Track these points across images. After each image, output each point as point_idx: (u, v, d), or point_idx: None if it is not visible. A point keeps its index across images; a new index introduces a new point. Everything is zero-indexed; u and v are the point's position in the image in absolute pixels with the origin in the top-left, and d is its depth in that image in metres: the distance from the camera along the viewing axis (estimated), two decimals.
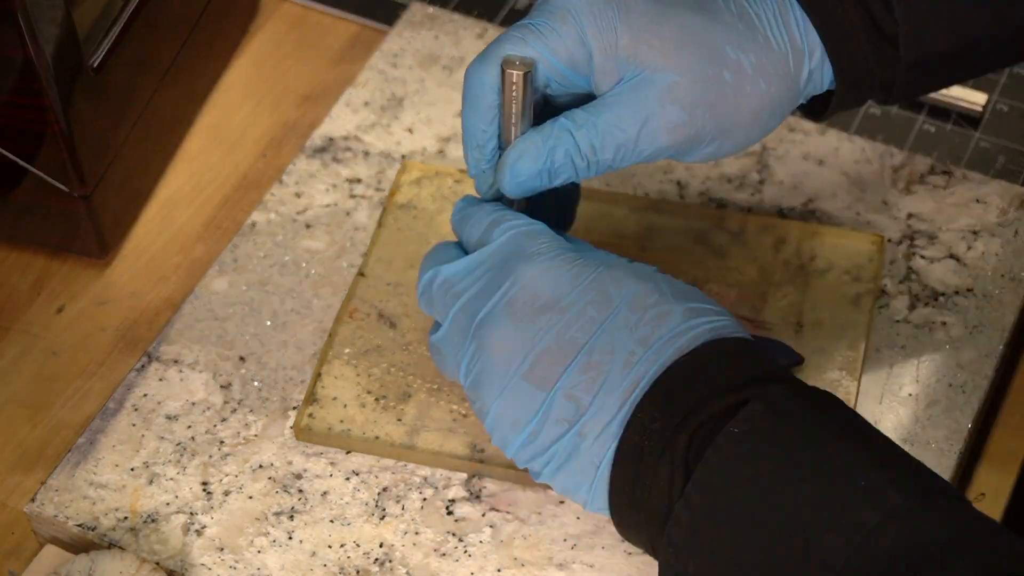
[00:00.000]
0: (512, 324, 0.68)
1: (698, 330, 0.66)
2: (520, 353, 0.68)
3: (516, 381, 0.67)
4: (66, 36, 0.78)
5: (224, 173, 0.91)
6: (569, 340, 0.67)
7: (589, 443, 0.66)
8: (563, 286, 0.68)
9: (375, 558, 0.74)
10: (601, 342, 0.66)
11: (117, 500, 0.76)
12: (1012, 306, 0.82)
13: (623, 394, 0.66)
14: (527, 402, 0.67)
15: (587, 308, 0.67)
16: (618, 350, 0.66)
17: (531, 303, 0.68)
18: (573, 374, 0.66)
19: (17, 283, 0.86)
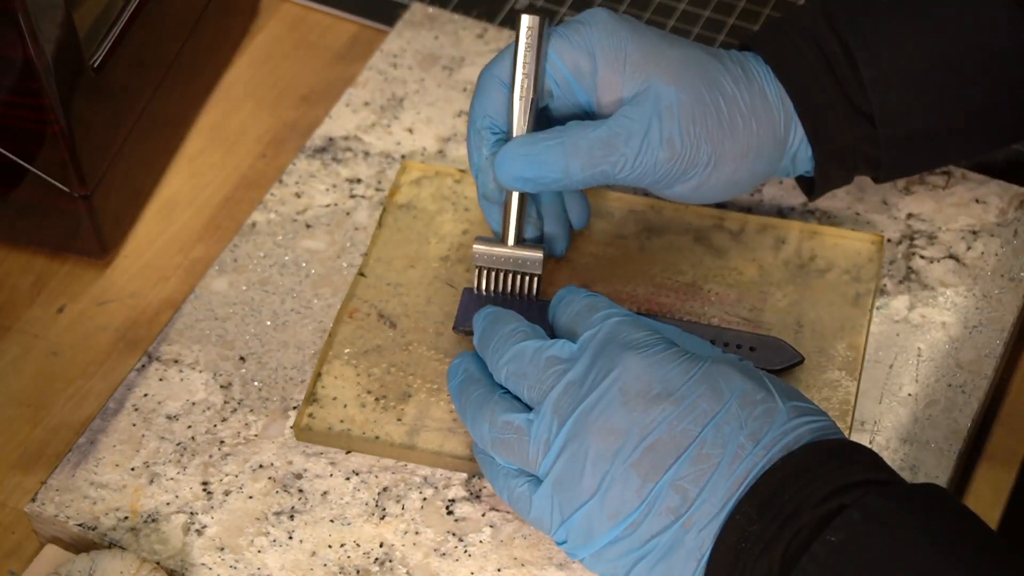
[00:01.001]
0: (625, 412, 0.67)
1: (802, 429, 0.66)
2: (631, 442, 0.67)
3: (623, 470, 0.67)
4: (66, 36, 0.78)
5: (224, 173, 0.91)
6: (682, 432, 0.66)
7: (693, 535, 0.65)
8: (675, 379, 0.68)
9: (375, 558, 0.74)
10: (712, 435, 0.66)
11: (117, 500, 0.76)
12: (1011, 306, 0.82)
13: (731, 487, 0.65)
14: (631, 493, 0.66)
15: (699, 401, 0.67)
16: (729, 444, 0.66)
17: (645, 393, 0.67)
18: (684, 466, 0.66)
19: (17, 283, 0.87)
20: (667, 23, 0.97)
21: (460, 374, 0.73)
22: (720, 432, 0.66)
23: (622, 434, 0.67)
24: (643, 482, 0.66)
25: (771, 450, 0.65)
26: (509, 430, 0.70)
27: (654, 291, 0.82)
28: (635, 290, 0.82)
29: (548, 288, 0.82)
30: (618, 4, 0.98)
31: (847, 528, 0.62)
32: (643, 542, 0.66)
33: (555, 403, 0.69)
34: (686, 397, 0.67)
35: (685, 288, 0.82)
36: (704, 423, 0.66)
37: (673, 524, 0.66)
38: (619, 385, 0.68)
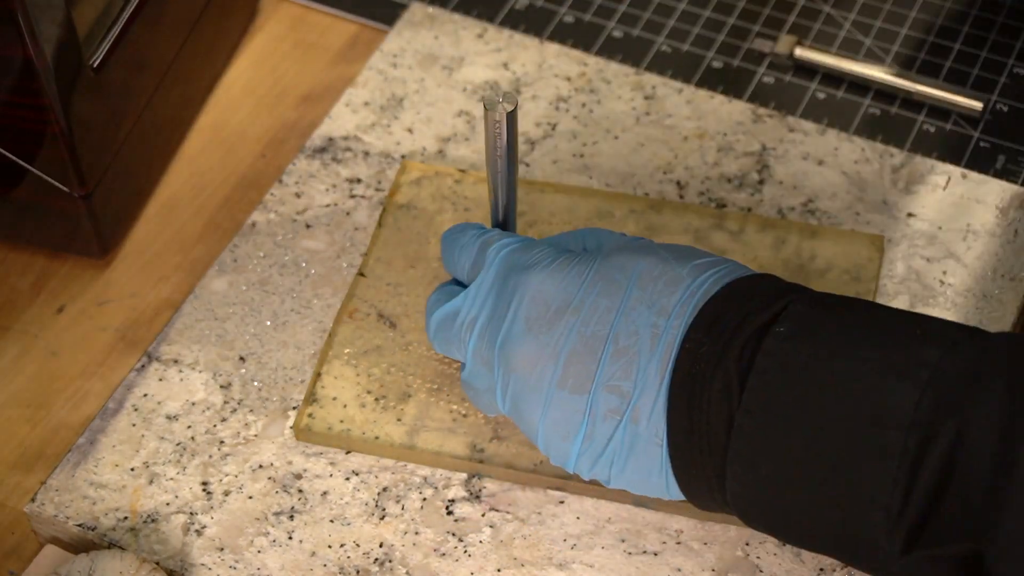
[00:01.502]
0: (533, 337, 0.68)
1: (708, 284, 0.67)
2: (550, 363, 0.68)
3: (553, 391, 0.68)
4: (66, 36, 0.78)
5: (224, 173, 0.91)
6: (592, 336, 0.67)
7: (644, 424, 0.66)
8: (570, 286, 0.68)
9: (375, 558, 0.74)
10: (623, 327, 0.67)
11: (117, 500, 0.76)
12: (1012, 306, 0.82)
13: (660, 366, 0.66)
14: (571, 409, 0.68)
15: (599, 300, 0.68)
16: (642, 329, 0.67)
17: (544, 312, 0.68)
18: (606, 367, 0.67)
19: (17, 283, 0.86)
20: (667, 22, 0.97)
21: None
22: (629, 321, 0.67)
23: (539, 359, 0.68)
24: (576, 396, 0.67)
25: (683, 316, 0.66)
26: (466, 387, 0.73)
27: None
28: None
29: None
30: (618, 3, 0.98)
31: (795, 318, 0.64)
32: (603, 448, 0.68)
33: (475, 352, 0.71)
34: (585, 300, 0.68)
35: None
36: (611, 320, 0.67)
37: (621, 422, 0.67)
38: (520, 315, 0.69)
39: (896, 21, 0.98)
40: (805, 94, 0.94)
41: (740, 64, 0.95)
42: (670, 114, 0.91)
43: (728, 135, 0.90)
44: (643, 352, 0.66)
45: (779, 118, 0.91)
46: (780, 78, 0.95)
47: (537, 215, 0.85)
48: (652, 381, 0.66)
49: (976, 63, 0.95)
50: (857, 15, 0.98)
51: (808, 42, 0.96)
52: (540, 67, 0.94)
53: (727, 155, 0.89)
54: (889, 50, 0.96)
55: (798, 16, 0.98)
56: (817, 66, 0.94)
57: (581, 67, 0.94)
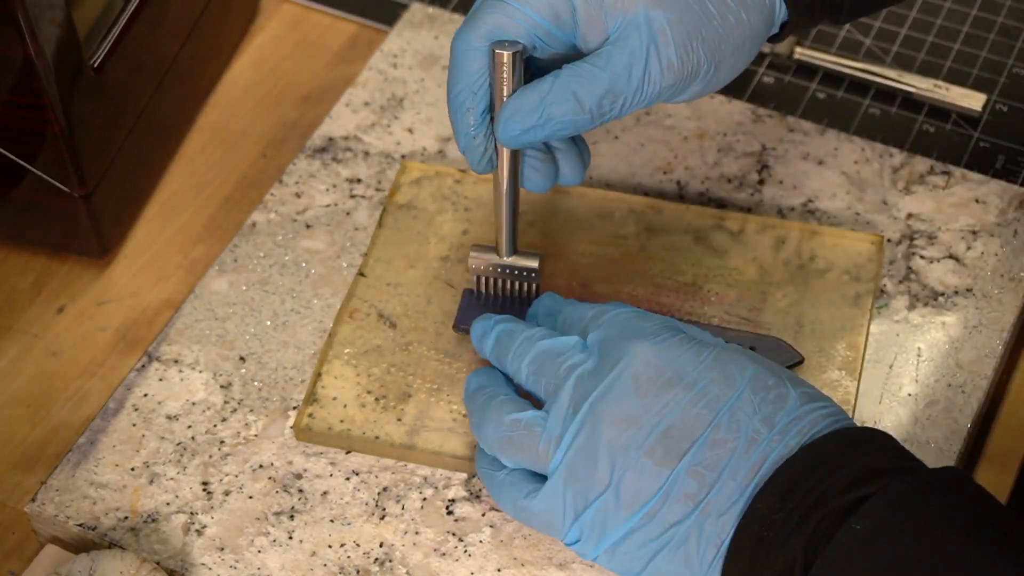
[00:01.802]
0: (637, 399, 0.67)
1: (815, 415, 0.66)
2: (644, 429, 0.66)
3: (637, 458, 0.66)
4: (66, 36, 0.78)
5: (224, 173, 0.91)
6: (696, 417, 0.66)
7: (712, 521, 0.65)
8: (686, 364, 0.67)
9: (375, 558, 0.74)
10: (727, 420, 0.66)
11: (117, 500, 0.76)
12: (1011, 306, 0.82)
13: (749, 472, 0.65)
14: (647, 481, 0.66)
15: (711, 386, 0.66)
16: (744, 429, 0.65)
17: (656, 379, 0.67)
18: (700, 451, 0.65)
19: (17, 283, 0.86)
20: None
21: (472, 386, 0.74)
22: (734, 417, 0.66)
23: (634, 421, 0.66)
24: (659, 469, 0.65)
25: (787, 434, 0.65)
26: (517, 427, 0.69)
27: (654, 291, 0.82)
28: (635, 290, 0.82)
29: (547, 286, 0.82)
30: None
31: (872, 516, 0.61)
32: (661, 531, 0.66)
33: (568, 396, 0.69)
34: (698, 382, 0.67)
35: (685, 288, 0.82)
36: (718, 408, 0.66)
37: (692, 511, 0.65)
38: (630, 372, 0.67)
39: (896, 21, 0.98)
40: (805, 94, 0.94)
41: None
42: (670, 114, 0.91)
43: (728, 135, 0.90)
44: (739, 451, 0.65)
45: (779, 118, 0.91)
46: (780, 78, 0.95)
47: (537, 215, 0.85)
48: (738, 481, 0.65)
49: (976, 63, 0.95)
50: None
51: (808, 42, 0.96)
52: None
53: (727, 155, 0.89)
54: (889, 50, 0.96)
55: None
56: (817, 66, 0.94)
57: None
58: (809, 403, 0.66)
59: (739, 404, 0.66)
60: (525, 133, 0.71)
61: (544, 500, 0.68)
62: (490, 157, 0.74)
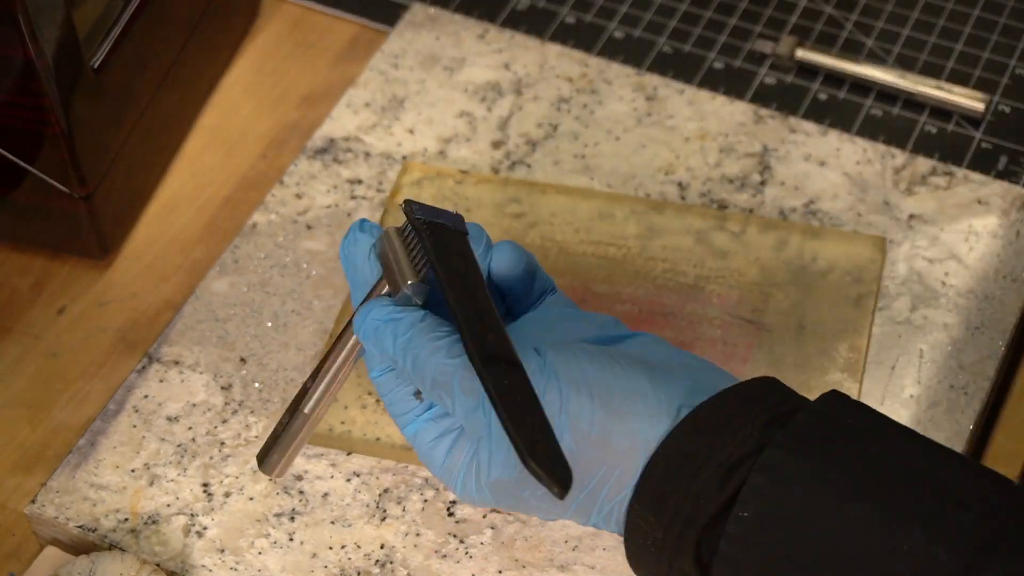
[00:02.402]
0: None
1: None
2: None
3: None
4: (67, 37, 0.78)
5: (225, 174, 0.91)
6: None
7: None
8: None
9: (376, 559, 0.74)
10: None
11: (118, 501, 0.76)
12: (1013, 307, 0.82)
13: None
14: None
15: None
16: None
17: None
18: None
19: (18, 284, 0.86)
20: (668, 23, 0.97)
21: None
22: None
23: None
24: None
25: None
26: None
27: (655, 292, 0.82)
28: (636, 291, 0.82)
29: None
30: (620, 4, 0.98)
31: (756, 500, 0.59)
32: None
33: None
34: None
35: (686, 289, 0.82)
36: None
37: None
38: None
39: (898, 22, 0.98)
40: (807, 95, 0.94)
41: (742, 65, 0.95)
42: (671, 115, 0.91)
43: (730, 136, 0.90)
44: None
45: (781, 119, 0.91)
46: (782, 79, 0.94)
47: (538, 216, 0.85)
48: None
49: (978, 64, 0.95)
50: (859, 16, 0.98)
51: (809, 43, 0.96)
52: (541, 68, 0.94)
53: (728, 156, 0.89)
54: (891, 51, 0.96)
55: (799, 17, 0.98)
56: (819, 67, 0.94)
57: (582, 68, 0.94)
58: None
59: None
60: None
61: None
62: None
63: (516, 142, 0.90)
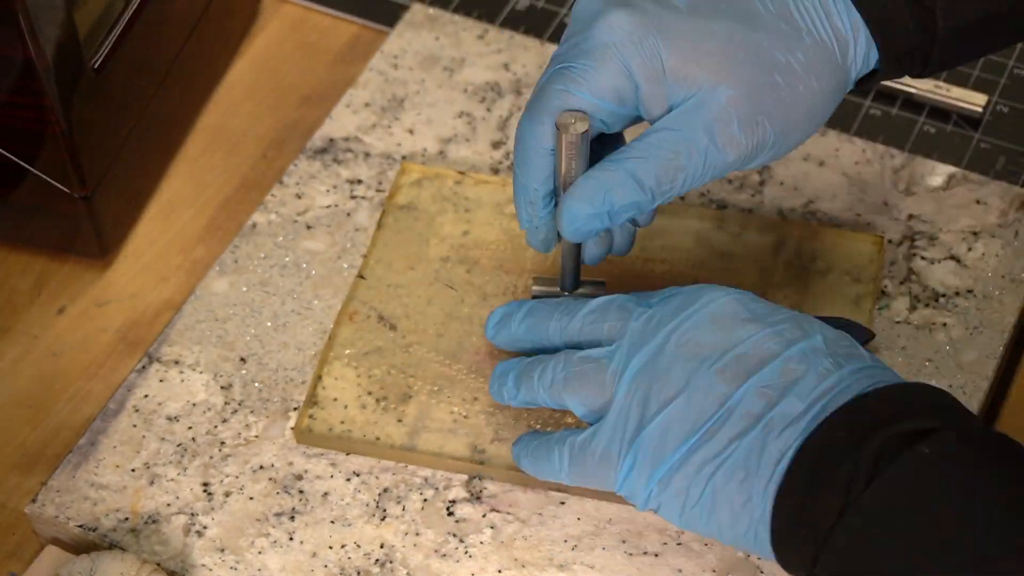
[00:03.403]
0: (712, 330, 0.67)
1: (885, 372, 0.66)
2: (717, 352, 0.67)
3: (708, 374, 0.66)
4: (67, 37, 0.78)
5: (225, 174, 0.91)
6: (768, 349, 0.66)
7: (775, 436, 0.64)
8: (760, 310, 0.68)
9: (376, 559, 0.74)
10: (798, 355, 0.66)
11: (118, 501, 0.76)
12: (1012, 307, 0.82)
13: (816, 395, 0.65)
14: (714, 396, 0.66)
15: (784, 330, 0.67)
16: (813, 365, 0.65)
17: (733, 316, 0.68)
18: (768, 373, 0.66)
19: (17, 284, 0.86)
20: None
21: (506, 368, 0.74)
22: (805, 355, 0.66)
23: (708, 346, 0.67)
24: (726, 386, 0.66)
25: (856, 377, 0.65)
26: (586, 362, 0.70)
27: None
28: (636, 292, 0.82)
29: None
30: None
31: (941, 444, 0.61)
32: (721, 448, 0.65)
33: (637, 329, 0.69)
34: (773, 325, 0.67)
35: None
36: (790, 344, 0.66)
37: (755, 426, 0.65)
38: (707, 310, 0.68)
39: None
40: None
41: None
42: None
43: None
44: (807, 379, 0.65)
45: None
46: None
47: None
48: (803, 401, 0.65)
49: (976, 64, 0.95)
50: None
51: None
52: (541, 68, 0.94)
53: None
54: None
55: None
56: None
57: None
58: (879, 365, 0.67)
59: (810, 347, 0.66)
60: (589, 224, 0.71)
61: (604, 428, 0.68)
62: (551, 241, 0.75)
63: None
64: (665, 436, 0.66)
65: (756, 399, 0.65)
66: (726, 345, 0.67)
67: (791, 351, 0.66)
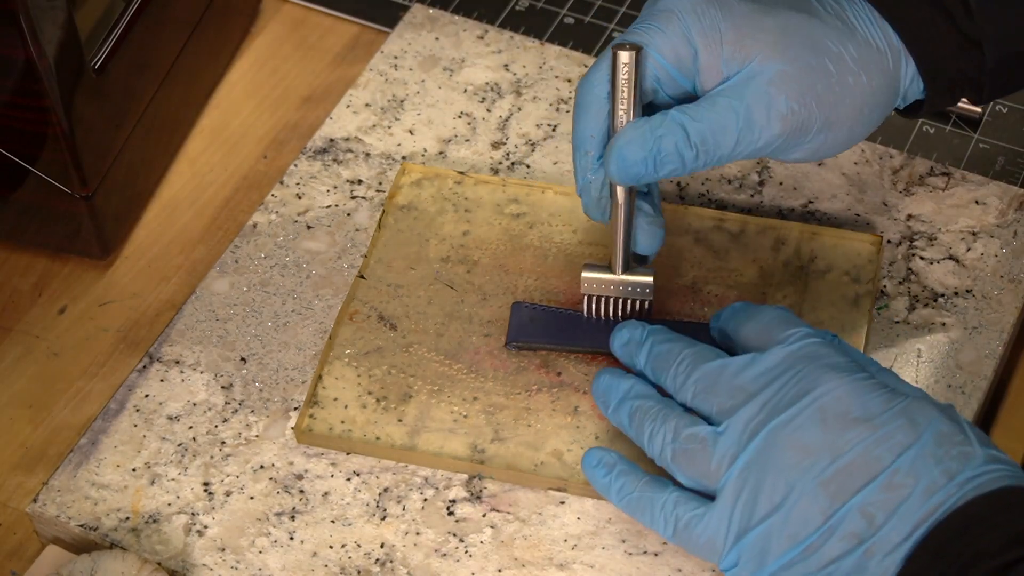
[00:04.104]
0: (821, 432, 0.66)
1: (996, 474, 0.65)
2: (823, 461, 0.66)
3: (812, 487, 0.65)
4: (68, 37, 0.78)
5: (225, 174, 0.91)
6: (876, 458, 0.65)
7: (875, 563, 0.64)
8: (874, 406, 0.66)
9: (376, 558, 0.74)
10: (906, 466, 0.65)
11: (119, 500, 0.76)
12: (1011, 307, 0.83)
13: (920, 518, 0.64)
14: (816, 512, 0.65)
15: (896, 432, 0.66)
16: (922, 477, 0.64)
17: (843, 415, 0.66)
18: (874, 491, 0.65)
19: (19, 284, 0.87)
20: None
21: (625, 392, 0.73)
22: (914, 465, 0.65)
23: (815, 451, 0.66)
24: (830, 502, 0.65)
25: (964, 487, 0.64)
26: (694, 441, 0.69)
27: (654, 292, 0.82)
28: None
29: (545, 287, 0.82)
30: (618, 5, 0.98)
31: None
32: (820, 567, 0.65)
33: (747, 417, 0.68)
34: (884, 425, 0.66)
35: (685, 289, 0.82)
36: (899, 452, 0.65)
37: (855, 550, 0.64)
38: (818, 404, 0.67)
39: None
40: None
41: None
42: None
43: None
44: (915, 496, 0.64)
45: None
46: None
47: (537, 216, 0.85)
48: (907, 525, 0.64)
49: None
50: None
51: None
52: (541, 68, 0.94)
53: None
54: None
55: None
56: None
57: (582, 68, 0.94)
58: (994, 463, 0.65)
59: (920, 453, 0.65)
60: (635, 165, 0.72)
61: (710, 518, 0.68)
62: (605, 204, 0.76)
63: (516, 142, 0.90)
64: (768, 543, 0.66)
65: (859, 518, 0.65)
66: (834, 452, 0.66)
67: (900, 462, 0.65)
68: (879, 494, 0.64)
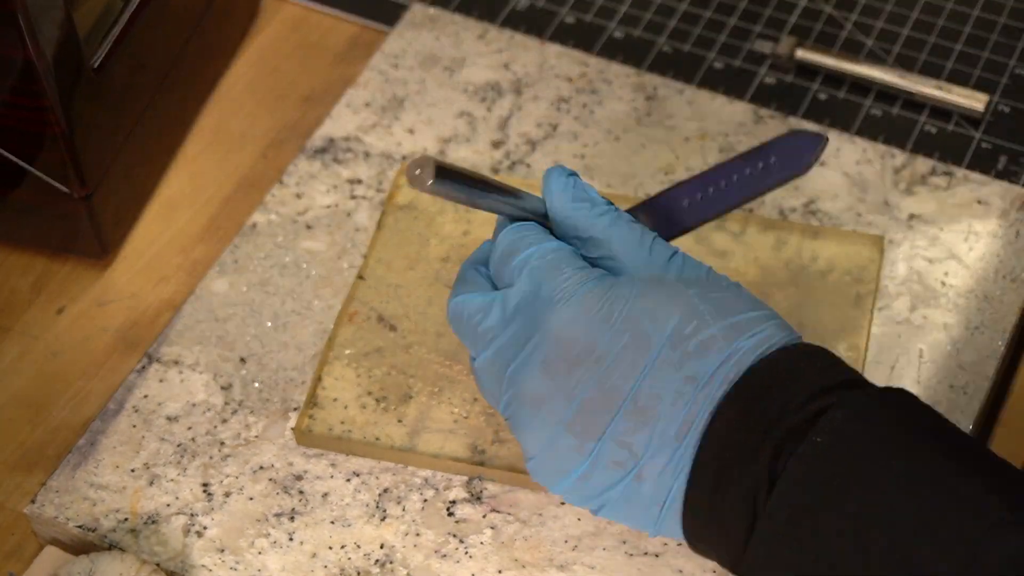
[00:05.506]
0: (548, 378, 0.66)
1: (742, 353, 0.64)
2: (561, 404, 0.66)
3: (559, 431, 0.66)
4: (67, 37, 0.78)
5: (225, 174, 0.91)
6: (611, 388, 0.65)
7: (649, 485, 0.65)
8: (595, 331, 0.65)
9: (376, 559, 0.74)
10: (646, 385, 0.64)
11: (117, 501, 0.76)
12: (1013, 307, 0.82)
13: (679, 432, 0.64)
14: (573, 451, 0.66)
15: (624, 352, 0.65)
16: (665, 392, 0.64)
17: (565, 356, 0.65)
18: (621, 421, 0.65)
19: (17, 284, 0.86)
20: (668, 23, 0.97)
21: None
22: (654, 381, 0.64)
23: (551, 398, 0.66)
24: (581, 441, 0.65)
25: (713, 388, 0.64)
26: (476, 377, 0.71)
27: None
28: None
29: None
30: (619, 4, 0.98)
31: (833, 429, 0.61)
32: (597, 493, 0.66)
33: (489, 362, 0.69)
34: (610, 351, 0.65)
35: None
36: (634, 376, 0.64)
37: (624, 477, 0.65)
38: (539, 355, 0.66)
39: (897, 22, 0.98)
40: (806, 95, 0.94)
41: (741, 65, 0.95)
42: (671, 115, 0.91)
43: (730, 136, 0.90)
44: (663, 416, 0.64)
45: (780, 119, 0.91)
46: (781, 79, 0.94)
47: None
48: (666, 446, 0.64)
49: (977, 64, 0.95)
50: (858, 16, 0.98)
51: (809, 43, 0.96)
52: (541, 68, 0.94)
53: (728, 156, 0.89)
54: (890, 51, 0.96)
55: (799, 17, 0.98)
56: (818, 67, 0.94)
57: (582, 68, 0.94)
58: (739, 338, 0.64)
59: (655, 366, 0.64)
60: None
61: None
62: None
63: (516, 142, 0.90)
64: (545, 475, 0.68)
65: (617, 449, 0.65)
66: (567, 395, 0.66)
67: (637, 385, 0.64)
68: (626, 422, 0.64)
